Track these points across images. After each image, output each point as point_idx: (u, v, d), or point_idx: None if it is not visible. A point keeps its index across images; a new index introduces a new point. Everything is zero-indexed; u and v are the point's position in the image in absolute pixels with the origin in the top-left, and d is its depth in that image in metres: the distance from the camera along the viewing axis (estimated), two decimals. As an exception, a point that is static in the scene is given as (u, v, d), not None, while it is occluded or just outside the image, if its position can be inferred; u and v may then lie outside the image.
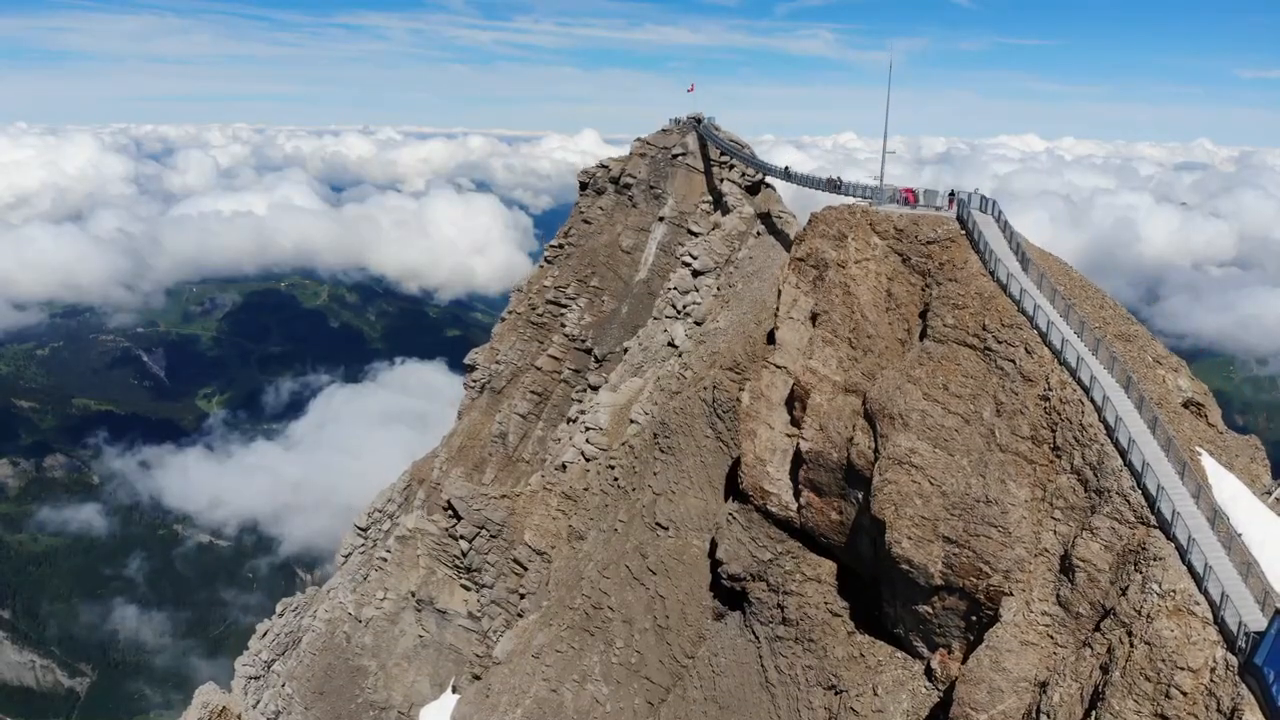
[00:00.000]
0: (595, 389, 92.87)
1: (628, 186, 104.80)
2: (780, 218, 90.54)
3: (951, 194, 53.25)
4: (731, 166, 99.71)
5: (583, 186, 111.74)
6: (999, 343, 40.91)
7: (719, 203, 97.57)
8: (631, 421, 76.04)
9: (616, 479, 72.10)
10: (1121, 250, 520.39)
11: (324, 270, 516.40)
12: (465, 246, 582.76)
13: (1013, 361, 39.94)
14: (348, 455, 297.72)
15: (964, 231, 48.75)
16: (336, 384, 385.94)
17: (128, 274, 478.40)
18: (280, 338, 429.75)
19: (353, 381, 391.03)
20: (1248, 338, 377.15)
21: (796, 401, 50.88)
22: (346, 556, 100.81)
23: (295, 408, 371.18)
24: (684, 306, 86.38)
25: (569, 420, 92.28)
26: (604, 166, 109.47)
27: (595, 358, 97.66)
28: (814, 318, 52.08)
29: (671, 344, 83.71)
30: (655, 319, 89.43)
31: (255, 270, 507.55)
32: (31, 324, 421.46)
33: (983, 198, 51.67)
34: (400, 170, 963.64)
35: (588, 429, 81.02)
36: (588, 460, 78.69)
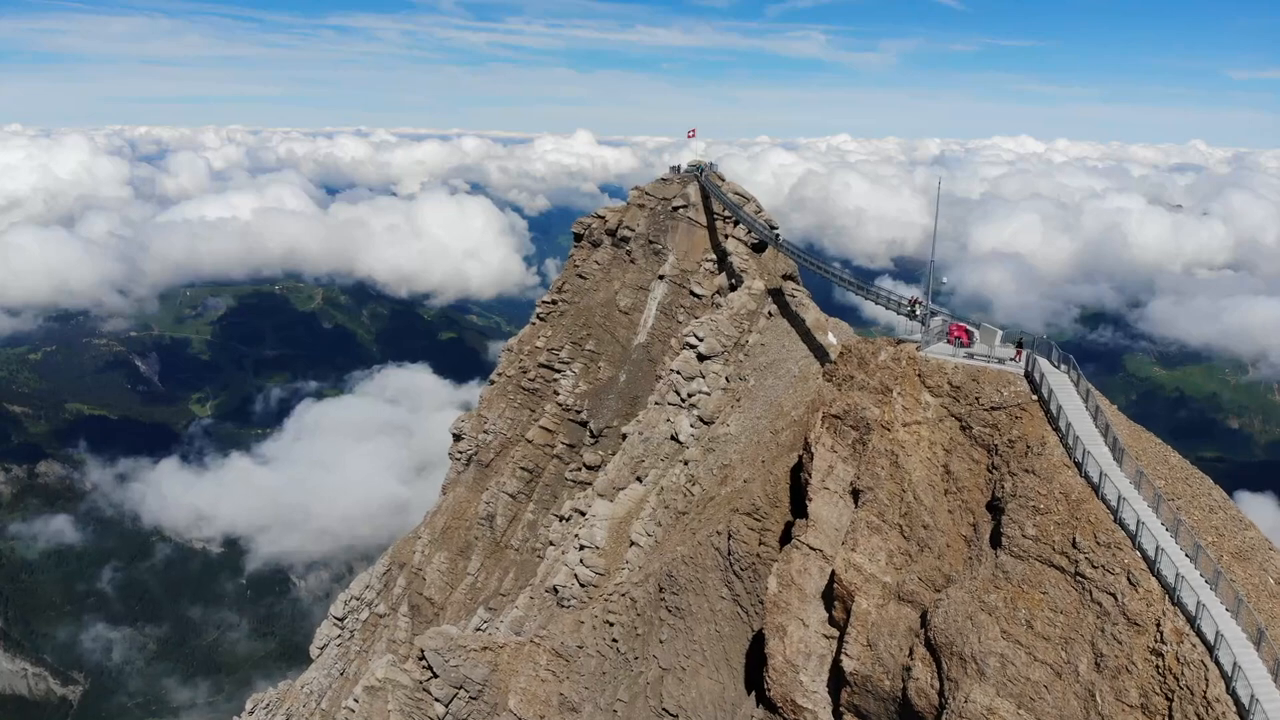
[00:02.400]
0: (591, 468, 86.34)
1: (625, 240, 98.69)
2: (794, 297, 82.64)
3: (1019, 343, 44.37)
4: (737, 223, 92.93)
5: (577, 238, 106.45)
6: (1094, 567, 32.80)
7: (723, 262, 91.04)
8: (632, 544, 68.75)
9: (616, 640, 62.59)
10: (1113, 253, 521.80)
11: (318, 273, 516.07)
12: (460, 249, 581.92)
13: (1113, 596, 31.80)
14: (329, 470, 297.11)
15: (1035, 396, 40.57)
16: (325, 389, 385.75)
17: (120, 277, 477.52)
18: (274, 341, 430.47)
19: (345, 385, 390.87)
20: (1241, 341, 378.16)
21: (837, 601, 42.10)
22: (322, 648, 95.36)
23: (288, 413, 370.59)
24: (689, 395, 79.13)
25: (561, 518, 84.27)
26: (600, 217, 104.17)
27: (591, 432, 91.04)
28: (855, 494, 43.92)
29: (675, 438, 76.95)
30: (657, 404, 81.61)
31: (248, 273, 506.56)
32: (24, 328, 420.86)
33: (1051, 344, 43.64)
34: (394, 172, 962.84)
35: (583, 547, 73.16)
36: (582, 585, 71.42)
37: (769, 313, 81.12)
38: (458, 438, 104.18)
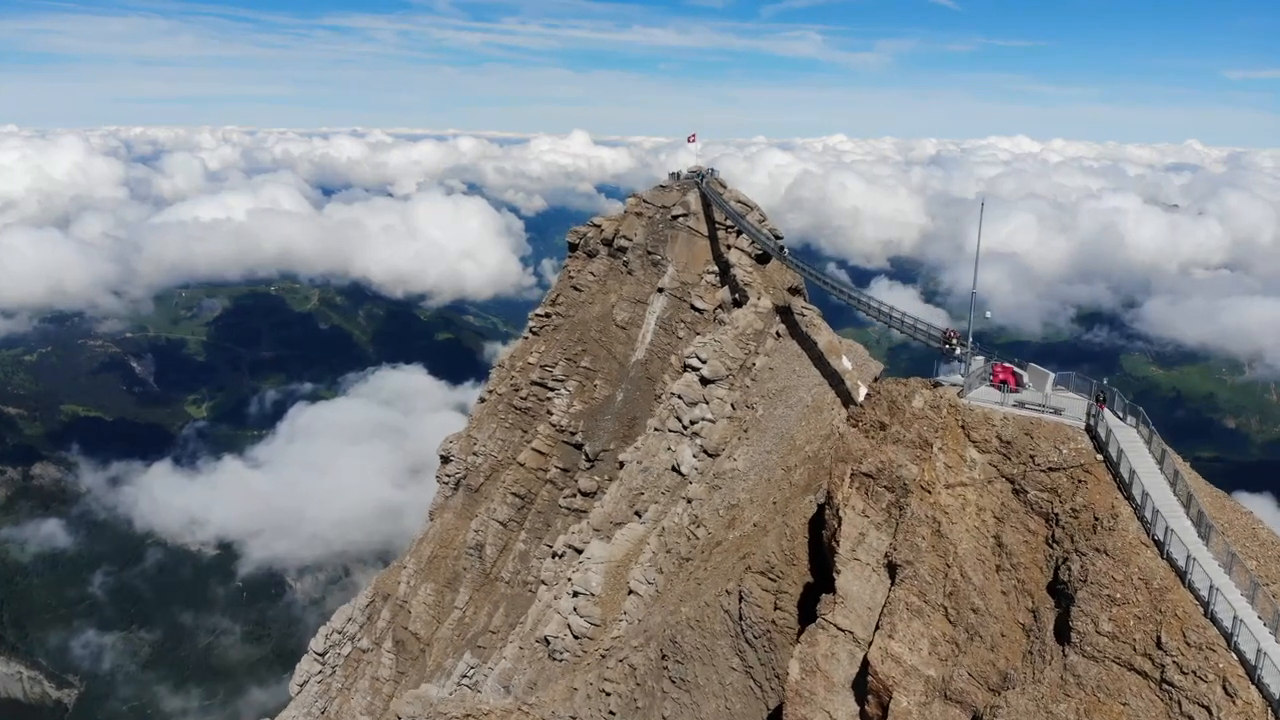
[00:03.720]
0: (586, 494, 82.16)
1: (622, 250, 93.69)
2: (804, 316, 76.31)
3: (1099, 396, 38.13)
4: (740, 233, 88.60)
5: (571, 247, 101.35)
6: (1183, 673, 27.72)
7: (726, 274, 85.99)
8: (630, 592, 63.35)
9: (613, 713, 55.99)
10: (1109, 253, 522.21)
11: (313, 274, 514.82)
12: (456, 250, 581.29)
13: (1207, 709, 26.84)
14: (323, 473, 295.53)
15: (1100, 455, 34.81)
16: (321, 390, 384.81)
17: (115, 279, 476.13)
18: (270, 342, 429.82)
19: (341, 387, 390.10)
20: (1237, 341, 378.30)
21: (871, 695, 36.03)
22: (302, 685, 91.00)
23: (284, 414, 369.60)
24: (691, 422, 73.43)
25: (555, 555, 78.30)
26: (596, 226, 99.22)
27: (586, 455, 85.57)
28: (891, 567, 37.99)
29: (676, 469, 71.90)
30: (657, 431, 75.92)
31: (244, 274, 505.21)
32: (19, 330, 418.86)
33: (1114, 392, 38.18)
34: (390, 173, 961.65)
35: (576, 593, 67.24)
36: (576, 636, 65.64)
37: (777, 333, 75.09)
38: (445, 459, 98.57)
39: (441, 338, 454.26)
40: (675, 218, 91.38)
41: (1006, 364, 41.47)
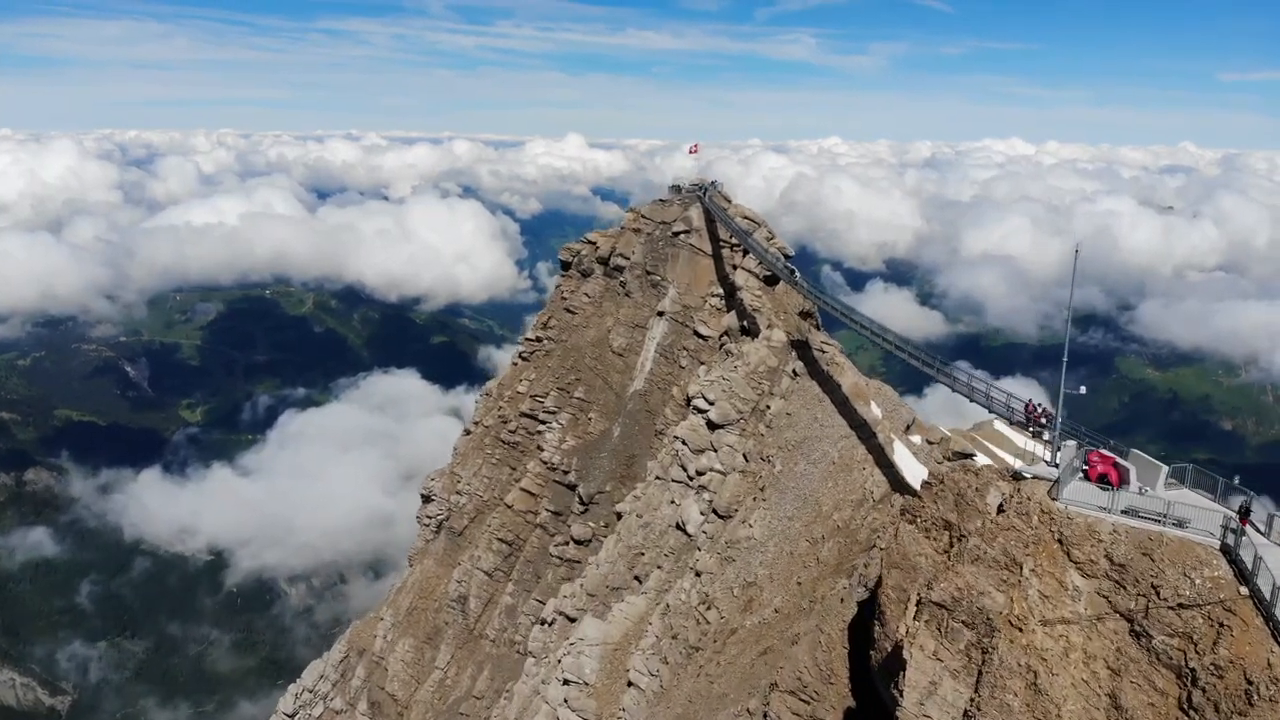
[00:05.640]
0: (580, 543, 76.41)
1: (619, 269, 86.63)
2: (823, 352, 66.92)
3: (1244, 510, 29.74)
4: (747, 251, 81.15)
5: (565, 266, 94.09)
6: None
7: (731, 296, 78.75)
8: (630, 684, 54.76)
9: None
10: (1104, 256, 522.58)
11: (308, 278, 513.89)
12: (451, 253, 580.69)
13: None
14: (314, 480, 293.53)
15: (1242, 584, 26.66)
16: (315, 395, 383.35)
17: (109, 282, 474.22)
18: (265, 346, 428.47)
19: (335, 390, 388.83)
20: (1232, 343, 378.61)
21: None
22: None
23: (278, 419, 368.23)
24: (698, 473, 64.70)
25: (543, 622, 69.87)
26: (591, 243, 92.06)
27: (580, 498, 77.81)
28: None
29: (681, 527, 63.56)
30: (659, 480, 67.59)
31: (238, 278, 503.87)
32: (12, 335, 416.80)
33: (1249, 496, 30.40)
34: (386, 176, 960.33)
35: (568, 681, 58.44)
36: None
37: (794, 371, 66.23)
38: (427, 499, 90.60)
39: (437, 341, 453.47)
40: (676, 235, 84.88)
41: (1105, 452, 32.80)
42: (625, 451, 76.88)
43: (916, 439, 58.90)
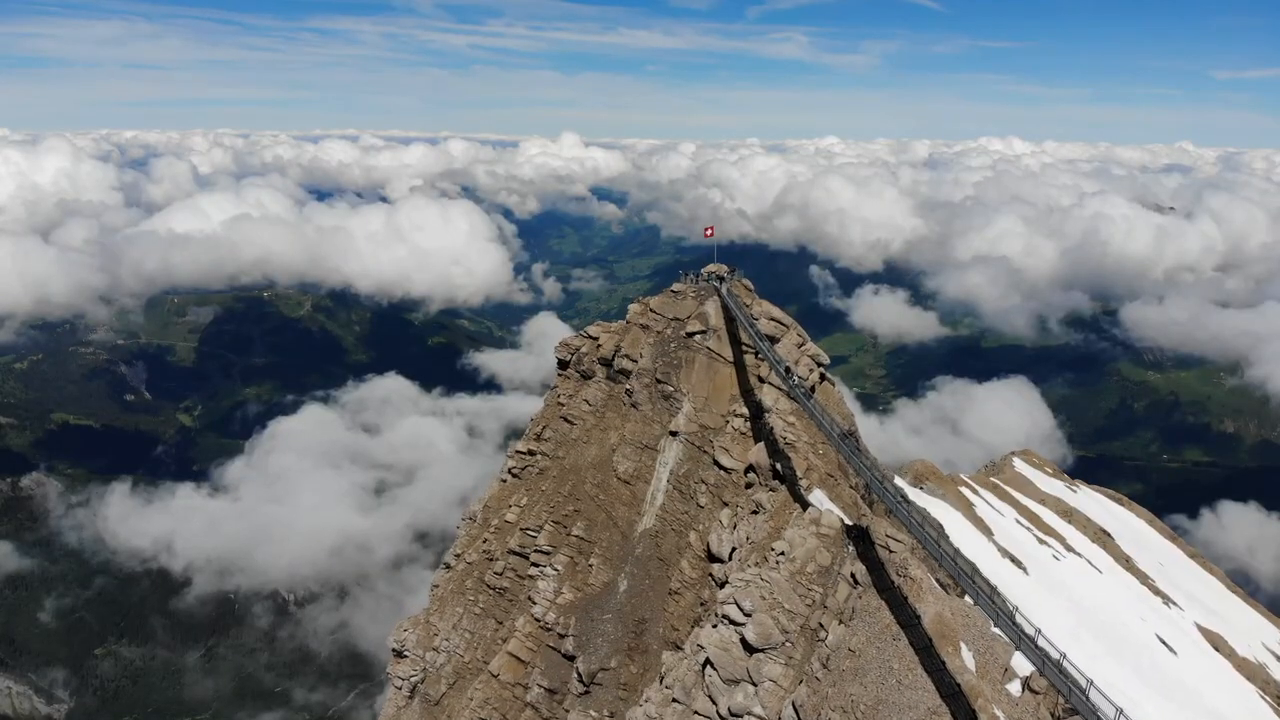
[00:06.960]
0: None
1: (625, 373, 72.37)
2: (891, 551, 49.87)
3: None
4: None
5: (562, 365, 78.92)
6: None
7: (758, 418, 64.58)
8: None
9: None
10: (1101, 256, 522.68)
11: (305, 279, 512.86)
12: (448, 254, 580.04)
13: None
14: (297, 493, 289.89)
15: None
16: (312, 398, 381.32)
17: (104, 285, 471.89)
18: (262, 348, 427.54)
19: (332, 393, 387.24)
20: (1230, 344, 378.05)
21: None
22: None
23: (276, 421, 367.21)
24: (733, 715, 46.34)
25: None
26: (592, 339, 76.67)
27: (579, 676, 62.05)
28: None
29: None
30: (679, 704, 48.84)
31: (235, 280, 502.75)
32: (6, 338, 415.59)
33: None
34: (382, 176, 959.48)
35: None
36: None
37: (853, 577, 49.20)
38: (399, 654, 73.87)
39: (434, 342, 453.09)
40: (691, 335, 70.30)
41: None
42: (633, 614, 63.05)
43: (1014, 687, 45.18)
